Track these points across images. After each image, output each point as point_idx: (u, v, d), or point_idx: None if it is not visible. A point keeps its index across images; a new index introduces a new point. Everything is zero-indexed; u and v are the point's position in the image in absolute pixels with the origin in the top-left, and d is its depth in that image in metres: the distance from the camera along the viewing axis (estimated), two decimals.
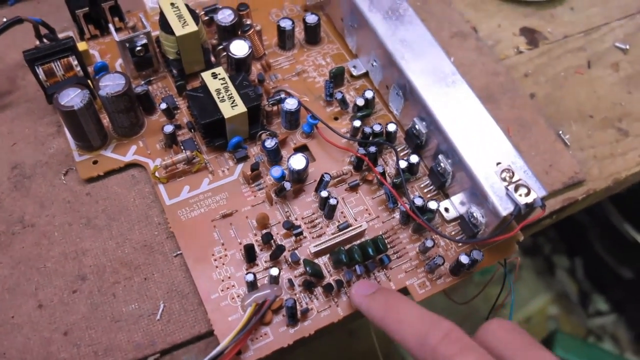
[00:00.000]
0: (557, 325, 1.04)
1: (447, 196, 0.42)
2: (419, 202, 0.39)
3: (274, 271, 0.36)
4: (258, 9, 0.50)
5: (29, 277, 0.38)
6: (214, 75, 0.42)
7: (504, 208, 0.36)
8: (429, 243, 0.38)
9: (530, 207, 0.36)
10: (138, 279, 0.38)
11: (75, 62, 0.42)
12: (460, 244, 0.40)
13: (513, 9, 0.56)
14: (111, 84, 0.40)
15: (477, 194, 0.38)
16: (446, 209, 0.41)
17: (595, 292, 1.07)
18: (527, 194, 0.36)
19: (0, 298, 0.37)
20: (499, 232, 0.37)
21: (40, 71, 0.41)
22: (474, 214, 0.38)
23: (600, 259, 1.01)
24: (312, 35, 0.48)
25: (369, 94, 0.44)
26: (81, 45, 0.44)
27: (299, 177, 0.41)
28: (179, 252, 0.39)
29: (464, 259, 0.37)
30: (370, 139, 0.43)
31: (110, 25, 0.43)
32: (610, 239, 0.98)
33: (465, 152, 0.38)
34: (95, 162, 0.42)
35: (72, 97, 0.39)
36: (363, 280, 0.37)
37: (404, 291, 0.39)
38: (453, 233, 0.41)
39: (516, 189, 0.36)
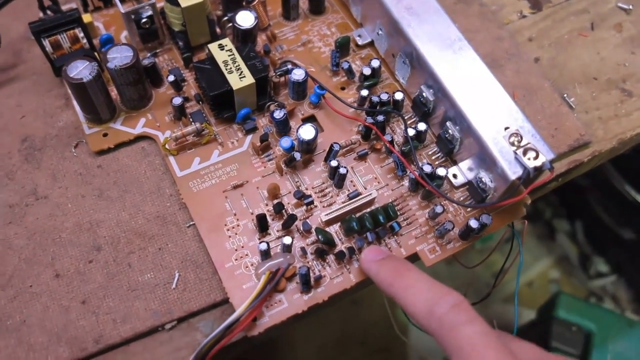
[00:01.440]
0: (559, 288, 1.06)
1: (455, 163, 0.42)
2: (427, 169, 0.40)
3: (287, 240, 0.37)
4: None
5: (45, 248, 0.38)
6: (221, 47, 0.42)
7: (513, 172, 0.36)
8: (438, 209, 0.39)
9: (538, 170, 0.36)
10: (152, 249, 0.39)
11: (82, 35, 0.42)
12: (469, 209, 0.41)
13: None
14: (119, 56, 0.40)
15: (485, 159, 0.38)
16: (454, 175, 0.41)
17: (595, 254, 1.09)
18: (536, 158, 0.36)
19: (18, 268, 0.38)
20: (507, 196, 0.38)
21: (46, 43, 0.41)
22: (483, 179, 0.39)
23: (600, 221, 1.02)
24: (317, 5, 0.48)
25: (375, 63, 0.44)
26: (86, 17, 0.44)
27: (308, 148, 0.41)
28: (191, 223, 0.40)
29: (474, 224, 0.38)
30: (378, 107, 0.43)
31: None
32: (611, 200, 0.99)
33: (474, 117, 0.38)
34: (105, 135, 0.42)
35: (81, 70, 0.39)
36: (373, 246, 0.38)
37: (415, 257, 0.39)
38: (462, 199, 0.41)
39: (524, 153, 0.36)
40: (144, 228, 0.39)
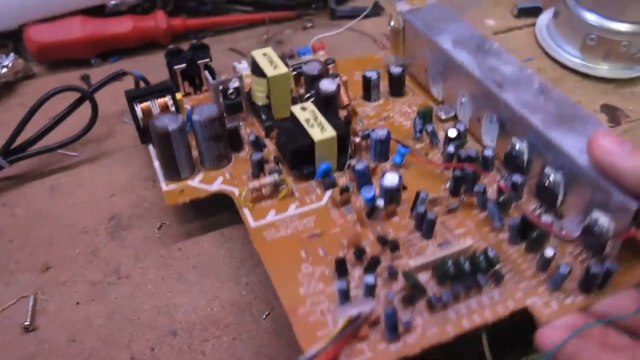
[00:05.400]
0: None
1: (560, 217, 0.37)
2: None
3: (369, 279, 0.32)
4: (342, 72, 0.52)
5: (123, 328, 0.37)
6: (303, 109, 0.42)
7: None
8: (548, 252, 0.33)
9: None
10: (226, 338, 0.36)
11: (171, 102, 0.44)
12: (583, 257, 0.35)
13: (593, 86, 0.55)
14: (204, 111, 0.40)
15: (597, 197, 0.33)
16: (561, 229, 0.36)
17: None
18: None
19: (95, 347, 0.36)
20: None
21: (138, 109, 0.43)
22: (598, 221, 0.33)
23: None
24: (397, 87, 0.49)
25: (461, 126, 0.43)
26: (177, 95, 0.46)
27: (391, 197, 0.38)
28: (266, 313, 0.37)
29: (596, 269, 0.32)
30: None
31: (206, 72, 0.46)
32: None
33: (580, 158, 0.34)
34: (181, 191, 0.41)
35: (167, 122, 0.39)
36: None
37: (524, 312, 0.33)
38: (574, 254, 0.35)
39: None
40: (219, 316, 0.37)
